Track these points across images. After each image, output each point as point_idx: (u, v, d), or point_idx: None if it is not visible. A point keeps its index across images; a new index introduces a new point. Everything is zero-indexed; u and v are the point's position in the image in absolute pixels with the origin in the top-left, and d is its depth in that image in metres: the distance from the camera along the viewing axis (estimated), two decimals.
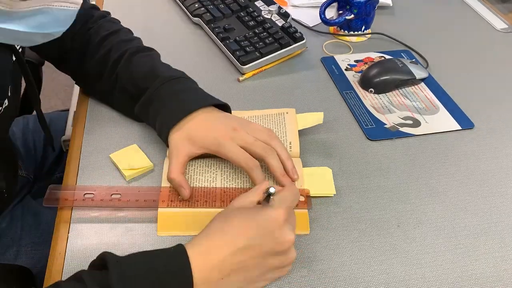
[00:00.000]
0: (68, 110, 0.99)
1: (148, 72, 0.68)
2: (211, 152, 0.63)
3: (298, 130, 0.70)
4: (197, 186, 0.62)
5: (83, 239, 0.57)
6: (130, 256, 0.48)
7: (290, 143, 0.68)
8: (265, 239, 0.49)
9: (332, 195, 0.63)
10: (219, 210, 0.58)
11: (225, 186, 0.63)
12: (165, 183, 0.62)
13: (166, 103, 0.65)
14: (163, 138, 0.64)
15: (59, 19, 0.52)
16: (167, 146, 0.64)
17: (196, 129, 0.62)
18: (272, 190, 0.49)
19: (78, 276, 0.46)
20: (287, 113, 0.72)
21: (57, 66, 0.80)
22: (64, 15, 0.52)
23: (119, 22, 0.80)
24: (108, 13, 0.81)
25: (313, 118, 0.71)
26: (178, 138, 0.62)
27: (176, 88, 0.66)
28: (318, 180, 0.64)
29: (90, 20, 0.76)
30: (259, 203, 0.54)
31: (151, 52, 0.74)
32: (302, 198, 0.61)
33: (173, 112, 0.64)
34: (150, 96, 0.66)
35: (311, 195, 0.62)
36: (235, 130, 0.62)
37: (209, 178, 0.63)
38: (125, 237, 0.58)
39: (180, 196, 0.60)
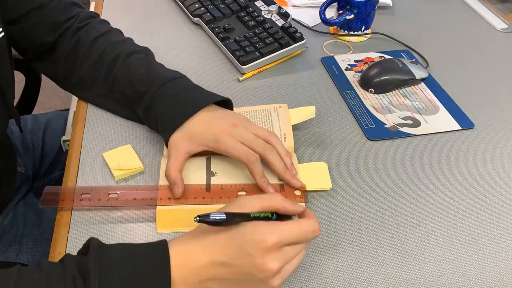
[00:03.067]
0: (68, 110, 0.99)
1: (144, 75, 0.67)
2: (210, 149, 0.62)
3: (293, 125, 0.70)
4: (195, 183, 0.62)
5: (82, 239, 0.57)
6: (115, 244, 0.48)
7: (284, 134, 0.69)
8: (244, 262, 0.47)
9: (329, 189, 0.63)
10: (218, 206, 0.58)
11: (223, 183, 0.63)
12: (162, 181, 0.62)
13: (165, 108, 0.64)
14: (166, 142, 0.64)
15: None
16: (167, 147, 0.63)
17: (195, 127, 0.62)
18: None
19: (60, 259, 0.47)
20: (279, 107, 0.73)
21: (42, 71, 0.78)
22: None
23: (109, 23, 0.78)
24: (97, 14, 0.79)
25: (305, 112, 0.72)
26: (177, 137, 0.62)
27: (174, 90, 0.66)
28: (314, 175, 0.64)
29: (76, 19, 0.74)
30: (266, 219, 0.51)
31: (146, 52, 0.73)
32: (298, 193, 0.61)
33: (172, 117, 0.63)
34: (148, 101, 0.65)
35: (307, 190, 0.62)
36: (235, 125, 0.62)
37: (207, 175, 0.63)
38: (125, 236, 0.58)
39: (172, 194, 0.60)
